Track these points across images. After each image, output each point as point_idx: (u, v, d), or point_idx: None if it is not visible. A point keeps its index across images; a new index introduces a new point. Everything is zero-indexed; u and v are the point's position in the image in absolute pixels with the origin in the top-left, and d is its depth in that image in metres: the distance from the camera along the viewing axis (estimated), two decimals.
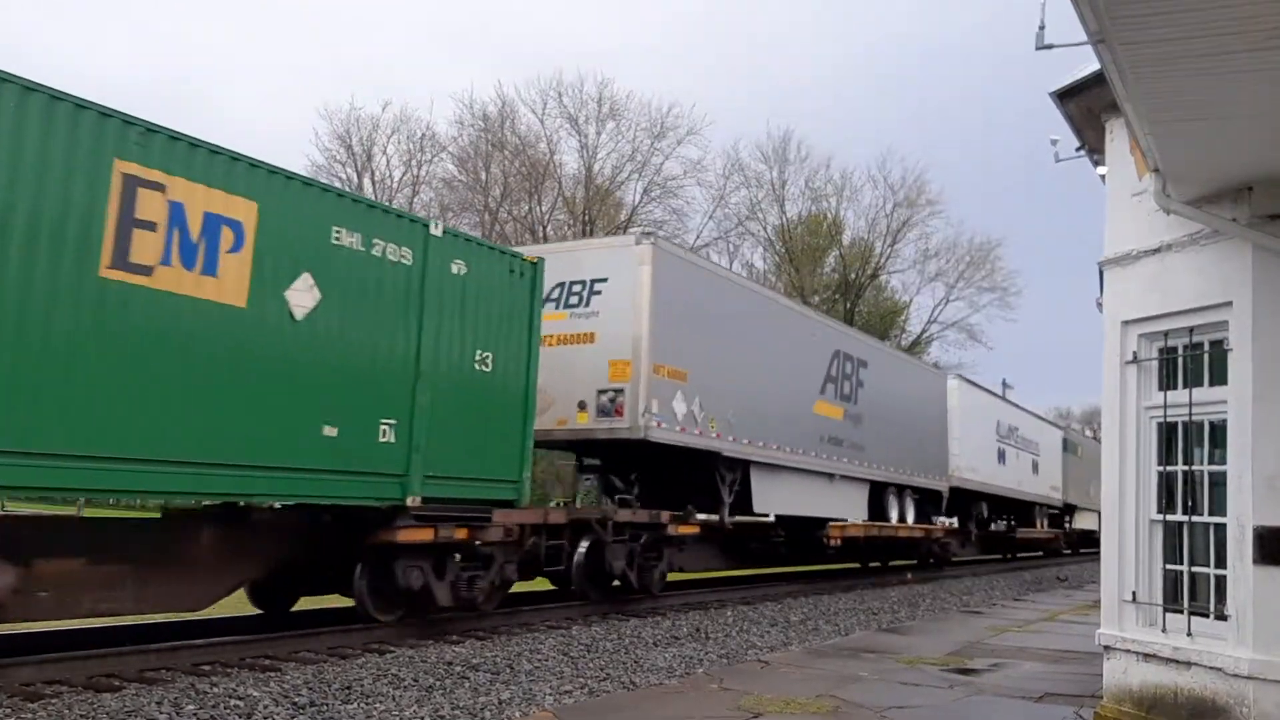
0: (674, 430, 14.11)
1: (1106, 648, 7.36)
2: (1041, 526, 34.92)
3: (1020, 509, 33.29)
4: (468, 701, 7.54)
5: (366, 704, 7.34)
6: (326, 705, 7.25)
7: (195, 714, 6.86)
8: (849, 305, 49.98)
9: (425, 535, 10.43)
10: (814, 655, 10.79)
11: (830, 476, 19.25)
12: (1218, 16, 4.34)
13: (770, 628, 12.98)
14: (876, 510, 21.69)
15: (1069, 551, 40.70)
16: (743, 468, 16.24)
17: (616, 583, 14.07)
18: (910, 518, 23.51)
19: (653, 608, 14.40)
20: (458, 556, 11.10)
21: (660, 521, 14.44)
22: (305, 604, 11.62)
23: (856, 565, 24.44)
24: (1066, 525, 38.94)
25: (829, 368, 19.42)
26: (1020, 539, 33.78)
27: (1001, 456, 29.83)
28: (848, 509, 20.26)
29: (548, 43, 65.31)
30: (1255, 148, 5.97)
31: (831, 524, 19.26)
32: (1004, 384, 47.26)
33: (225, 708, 7.03)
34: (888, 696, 8.39)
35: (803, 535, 19.66)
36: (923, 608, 16.73)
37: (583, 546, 13.12)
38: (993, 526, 32.14)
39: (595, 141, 44.63)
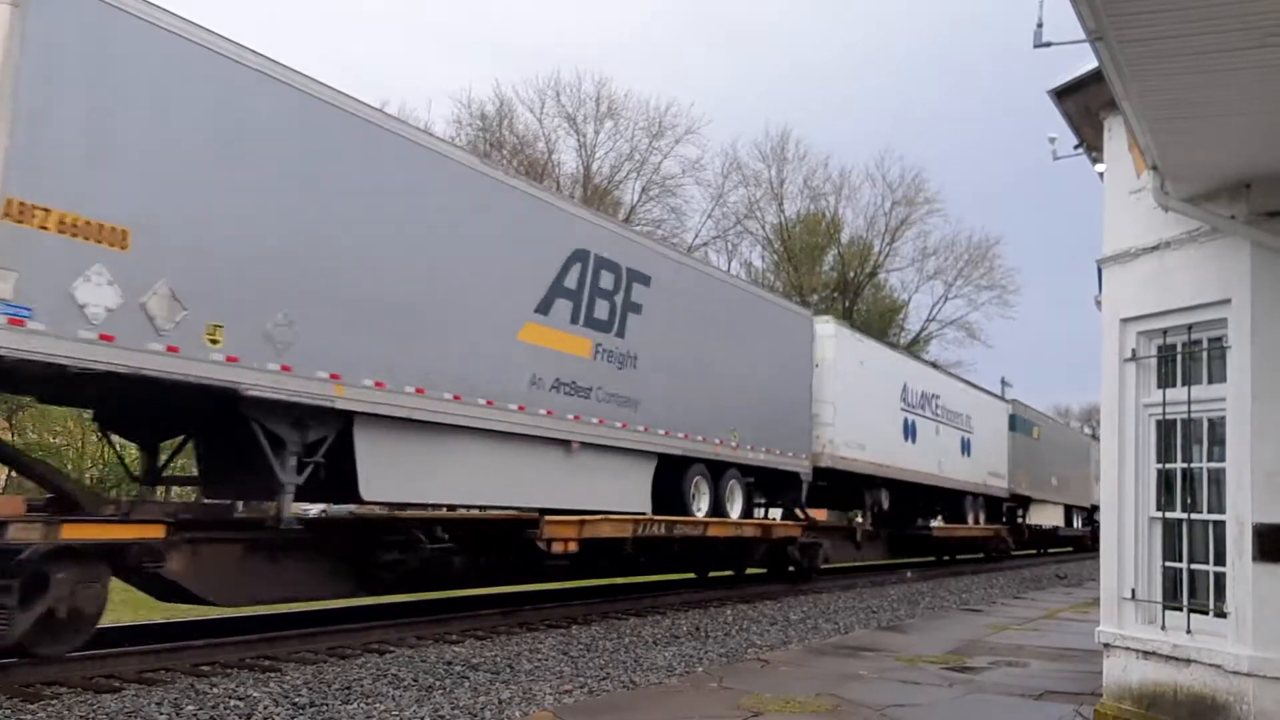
0: (65, 335, 7.42)
1: (1106, 645, 7.36)
2: (977, 521, 28.35)
3: (946, 500, 26.69)
4: (468, 701, 7.54)
5: (367, 704, 7.34)
6: (326, 705, 7.25)
7: (195, 715, 6.87)
8: (848, 304, 50.01)
9: None
10: (814, 653, 10.79)
11: (565, 444, 12.61)
12: (1216, 14, 4.34)
13: (770, 626, 12.98)
14: (674, 498, 14.99)
15: (1034, 552, 35.29)
16: (339, 422, 9.76)
17: None
18: (736, 508, 16.67)
19: (652, 607, 14.29)
20: None
21: None
22: (301, 605, 11.57)
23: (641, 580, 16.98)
24: (1020, 519, 32.89)
25: (561, 275, 12.64)
26: (939, 537, 26.21)
27: (910, 431, 23.33)
28: (606, 496, 13.46)
29: (545, 41, 65.33)
30: (1253, 145, 5.97)
31: (550, 520, 12.26)
32: (1003, 381, 46.92)
33: (225, 708, 7.03)
34: (888, 695, 8.39)
35: (500, 538, 12.63)
36: (922, 606, 16.73)
37: None
38: (925, 520, 26.02)
39: (593, 140, 44.67)
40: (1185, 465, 7.06)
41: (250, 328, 8.79)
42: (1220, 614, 6.57)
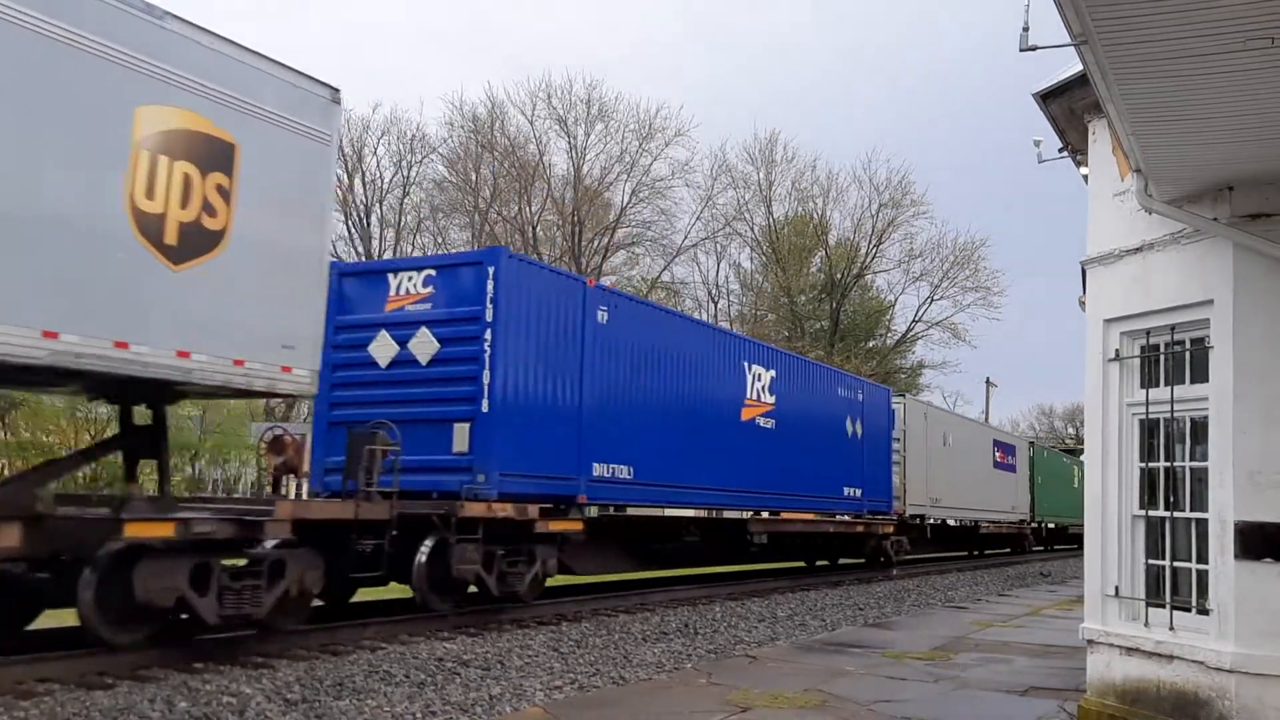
0: None
1: (1090, 642, 7.45)
2: None
3: None
4: (459, 698, 7.58)
5: (358, 700, 7.37)
6: (318, 702, 7.28)
7: (188, 711, 6.89)
8: (835, 305, 50.17)
9: None
10: (801, 650, 10.87)
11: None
12: (1199, 19, 4.41)
13: (758, 623, 13.05)
14: None
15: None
16: None
17: None
18: None
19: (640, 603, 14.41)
20: None
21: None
22: None
23: None
24: None
25: None
26: None
27: None
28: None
29: (538, 43, 65.29)
30: (1236, 148, 6.06)
31: None
32: (988, 382, 47.10)
33: (218, 705, 7.06)
34: (874, 690, 8.48)
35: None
36: (908, 603, 16.84)
37: None
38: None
39: (584, 143, 44.79)
40: (1168, 464, 7.15)
41: None
42: (1203, 611, 6.67)
